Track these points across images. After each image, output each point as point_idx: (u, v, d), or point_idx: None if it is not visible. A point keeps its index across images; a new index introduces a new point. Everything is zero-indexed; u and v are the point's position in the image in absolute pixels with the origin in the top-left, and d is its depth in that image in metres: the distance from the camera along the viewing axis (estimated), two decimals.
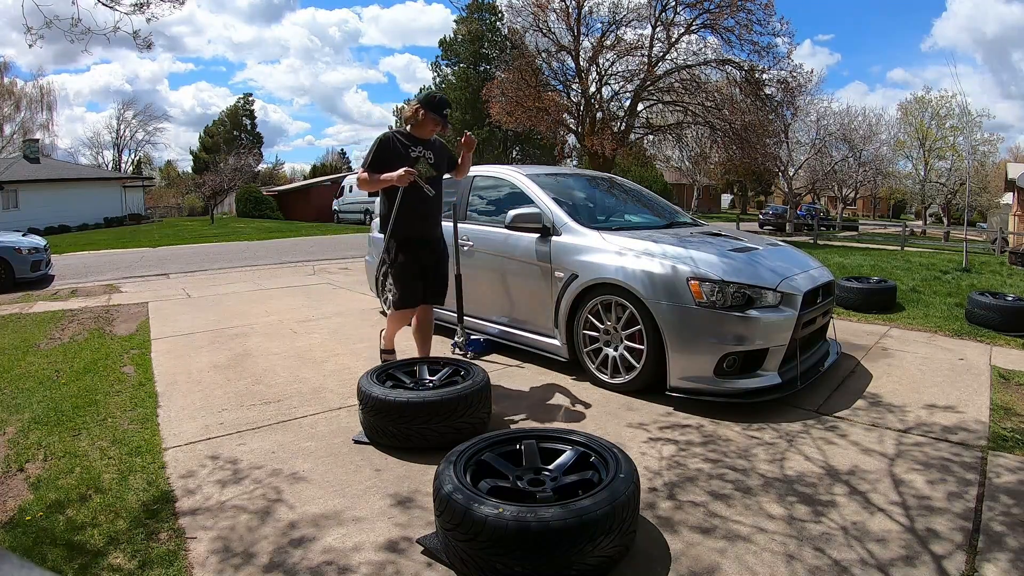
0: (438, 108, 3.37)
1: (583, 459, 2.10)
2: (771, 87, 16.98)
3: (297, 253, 12.36)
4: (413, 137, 3.40)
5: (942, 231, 26.82)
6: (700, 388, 3.15)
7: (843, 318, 5.37)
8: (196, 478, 2.46)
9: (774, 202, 43.40)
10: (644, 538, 2.00)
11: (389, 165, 3.25)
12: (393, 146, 3.33)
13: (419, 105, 3.40)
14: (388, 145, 3.33)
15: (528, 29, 17.94)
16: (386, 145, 3.33)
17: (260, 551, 1.96)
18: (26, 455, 2.66)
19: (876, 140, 29.95)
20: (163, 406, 3.28)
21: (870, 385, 3.57)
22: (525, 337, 4.06)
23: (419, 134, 3.41)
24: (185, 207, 40.14)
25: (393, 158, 3.28)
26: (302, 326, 5.23)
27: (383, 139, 3.36)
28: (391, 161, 3.27)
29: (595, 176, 5.24)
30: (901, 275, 7.92)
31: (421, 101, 3.43)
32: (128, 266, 10.53)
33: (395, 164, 3.24)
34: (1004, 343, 4.55)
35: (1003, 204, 27.30)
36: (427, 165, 3.41)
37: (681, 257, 3.29)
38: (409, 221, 3.30)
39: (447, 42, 37.94)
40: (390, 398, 2.63)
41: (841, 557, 1.91)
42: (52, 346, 4.64)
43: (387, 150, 3.32)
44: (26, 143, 29.11)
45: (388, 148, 3.32)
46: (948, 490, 2.32)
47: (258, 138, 51.15)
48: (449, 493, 1.80)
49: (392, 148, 3.32)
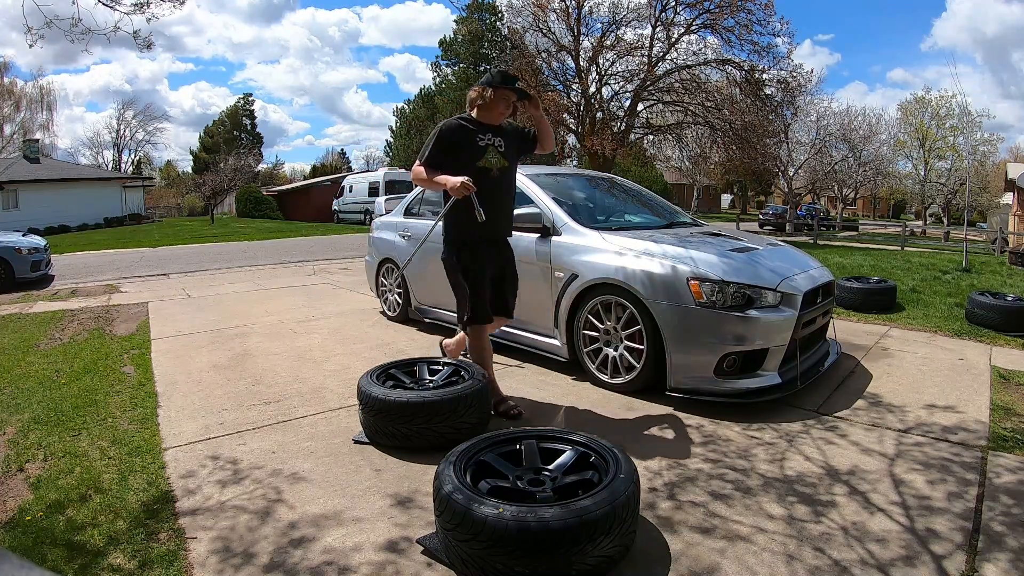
0: (508, 81, 2.93)
1: (583, 459, 2.09)
2: (771, 87, 16.99)
3: (297, 253, 12.36)
4: (480, 123, 2.96)
5: (942, 231, 26.82)
6: (700, 388, 3.15)
7: (843, 318, 5.37)
8: (196, 478, 2.46)
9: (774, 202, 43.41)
10: (644, 538, 2.00)
11: (452, 157, 2.84)
12: (457, 134, 2.89)
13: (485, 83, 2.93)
14: (451, 133, 2.88)
15: (528, 29, 17.95)
16: (448, 133, 2.88)
17: (260, 551, 1.96)
18: (26, 455, 2.66)
19: (876, 140, 29.97)
20: (163, 406, 3.28)
21: (870, 385, 3.57)
22: (525, 337, 4.06)
23: (487, 118, 2.96)
24: (185, 207, 40.15)
25: (457, 149, 2.86)
26: (302, 326, 5.23)
27: (445, 127, 2.92)
28: (454, 152, 2.85)
29: (595, 176, 5.24)
30: (901, 275, 7.92)
31: (486, 78, 2.98)
32: (128, 266, 10.53)
33: (460, 156, 2.85)
34: (1004, 343, 4.55)
35: (1003, 204, 27.30)
36: (498, 155, 2.97)
37: (681, 257, 3.29)
38: (472, 219, 2.80)
39: (447, 42, 37.96)
40: (390, 398, 2.63)
41: (841, 557, 1.91)
42: (52, 346, 4.64)
43: (449, 139, 2.87)
44: (26, 143, 29.13)
45: (451, 137, 2.87)
46: (948, 490, 2.32)
47: (258, 138, 51.19)
48: (449, 493, 1.80)
49: (456, 136, 2.88)
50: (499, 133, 2.99)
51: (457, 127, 2.92)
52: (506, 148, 3.01)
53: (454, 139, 2.88)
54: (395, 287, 5.36)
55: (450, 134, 2.89)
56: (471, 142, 2.90)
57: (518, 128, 3.16)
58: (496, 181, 2.94)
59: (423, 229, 5.01)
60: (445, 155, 2.87)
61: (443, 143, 2.88)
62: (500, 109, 2.94)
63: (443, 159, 2.86)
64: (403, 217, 5.36)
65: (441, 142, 2.87)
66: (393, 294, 5.40)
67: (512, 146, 3.06)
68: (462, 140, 2.89)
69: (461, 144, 2.88)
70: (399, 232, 5.26)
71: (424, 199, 5.28)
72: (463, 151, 2.87)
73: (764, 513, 2.17)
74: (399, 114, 42.31)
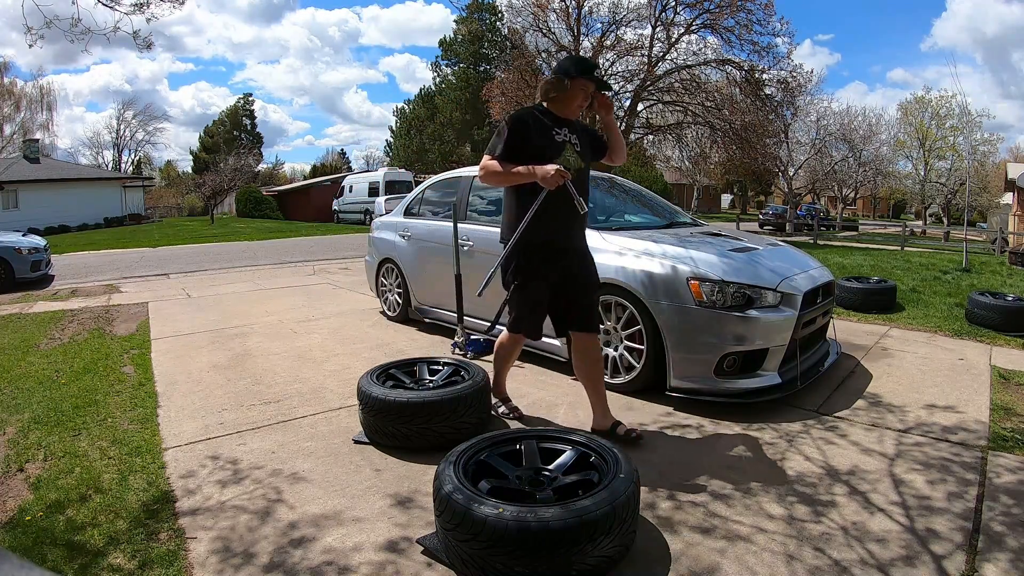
0: (588, 70, 2.61)
1: (583, 459, 2.09)
2: (771, 87, 17.00)
3: (297, 253, 12.36)
4: (554, 116, 2.65)
5: (942, 231, 26.82)
6: (700, 388, 3.15)
7: (843, 318, 5.37)
8: (196, 478, 2.46)
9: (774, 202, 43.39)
10: (644, 538, 2.00)
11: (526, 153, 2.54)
12: (532, 126, 2.58)
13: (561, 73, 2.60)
14: (525, 125, 2.57)
15: (528, 29, 17.96)
16: (522, 125, 2.57)
17: (260, 551, 1.96)
18: (26, 455, 2.66)
19: (876, 140, 29.99)
20: (163, 406, 3.28)
21: (870, 385, 3.57)
22: None
23: (562, 111, 2.64)
24: (185, 207, 40.15)
25: (531, 144, 2.56)
26: (302, 326, 5.23)
27: (519, 118, 2.60)
28: (528, 147, 2.55)
29: (595, 176, 5.24)
30: (901, 275, 7.91)
31: (562, 66, 2.66)
32: (128, 266, 10.53)
33: (534, 151, 2.54)
34: (1004, 343, 4.55)
35: (1003, 204, 27.30)
36: (575, 154, 2.64)
37: (681, 257, 3.29)
38: (547, 223, 2.53)
39: (447, 42, 37.96)
40: (390, 398, 2.63)
41: (841, 557, 1.91)
42: (52, 346, 4.64)
43: (524, 132, 2.56)
44: (26, 143, 29.12)
45: (525, 129, 2.56)
46: (948, 490, 2.32)
47: (258, 138, 51.17)
48: (449, 493, 1.80)
49: (530, 129, 2.57)
50: (575, 130, 2.69)
51: (532, 118, 2.60)
52: (582, 148, 2.70)
53: (529, 131, 2.56)
54: (395, 287, 5.36)
55: (525, 125, 2.57)
56: (547, 136, 2.59)
57: (590, 129, 2.87)
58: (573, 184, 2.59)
59: (423, 229, 5.02)
60: (520, 148, 2.54)
61: (517, 135, 2.55)
62: (578, 102, 2.61)
63: (516, 154, 2.54)
64: (403, 217, 5.36)
65: (515, 134, 2.55)
66: (393, 294, 5.40)
67: (587, 147, 2.74)
68: (537, 133, 2.57)
69: (536, 138, 2.56)
70: (399, 232, 5.26)
71: (424, 199, 5.28)
72: (538, 146, 2.55)
73: (764, 513, 2.17)
74: (399, 114, 42.33)
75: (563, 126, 2.65)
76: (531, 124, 2.59)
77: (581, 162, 2.66)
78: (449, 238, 4.35)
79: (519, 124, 2.57)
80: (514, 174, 2.52)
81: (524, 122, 2.58)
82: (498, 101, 18.08)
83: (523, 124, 2.57)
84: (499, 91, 18.14)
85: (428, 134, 37.46)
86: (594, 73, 2.62)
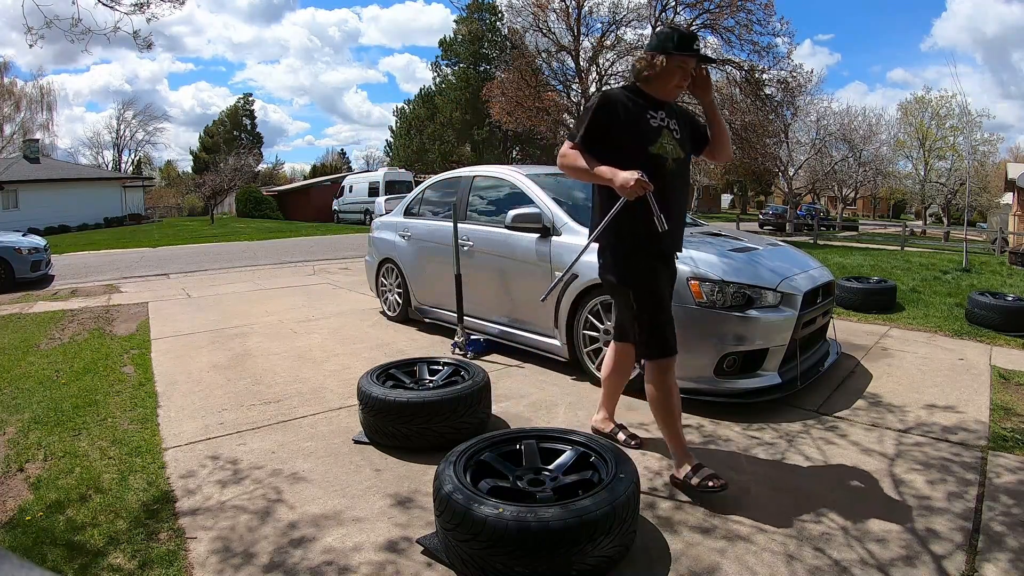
0: (687, 44, 2.24)
1: (583, 459, 2.09)
2: (771, 87, 16.99)
3: (297, 253, 12.36)
4: (649, 97, 2.31)
5: (942, 231, 26.82)
6: (700, 388, 3.15)
7: (843, 318, 5.37)
8: (196, 478, 2.46)
9: (774, 202, 43.39)
10: (644, 538, 2.00)
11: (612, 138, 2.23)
12: (621, 110, 2.24)
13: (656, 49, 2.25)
14: (612, 106, 2.24)
15: (528, 29, 17.97)
16: (610, 107, 2.24)
17: (260, 551, 1.96)
18: (26, 455, 2.66)
19: (876, 140, 29.99)
20: (163, 406, 3.28)
21: (870, 385, 3.57)
22: (525, 337, 4.06)
23: (658, 92, 2.30)
24: (185, 207, 40.15)
25: (620, 129, 2.23)
26: (302, 326, 5.23)
27: (606, 99, 2.26)
28: (617, 133, 2.23)
29: None
30: (901, 275, 7.91)
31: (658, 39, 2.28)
32: (128, 266, 10.53)
33: (622, 137, 2.22)
34: (1004, 343, 4.55)
35: (1003, 204, 27.30)
36: (673, 141, 2.29)
37: (681, 257, 3.28)
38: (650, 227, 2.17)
39: (447, 42, 37.92)
40: (390, 398, 2.63)
41: (841, 557, 1.91)
42: (52, 346, 4.64)
43: (610, 114, 2.23)
44: (26, 143, 29.11)
45: (612, 111, 2.24)
46: (948, 490, 2.32)
47: (258, 138, 51.13)
48: (449, 493, 1.80)
49: (621, 110, 2.24)
50: (673, 114, 2.35)
51: (624, 98, 2.27)
52: (681, 135, 2.35)
53: (619, 114, 2.23)
54: (395, 287, 5.36)
55: (612, 106, 2.24)
56: (641, 120, 2.25)
57: (692, 116, 2.49)
58: (671, 176, 2.28)
59: (423, 229, 5.02)
60: (605, 133, 2.23)
61: (603, 118, 2.23)
62: (676, 81, 2.27)
63: (603, 140, 2.23)
64: (403, 217, 5.36)
65: (600, 117, 2.22)
66: (393, 294, 5.40)
67: (687, 136, 2.39)
68: (629, 116, 2.24)
69: (628, 121, 2.23)
70: (399, 232, 5.27)
71: (424, 199, 5.28)
72: (631, 131, 2.23)
73: (764, 513, 2.17)
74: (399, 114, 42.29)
75: (659, 109, 2.30)
76: (620, 105, 2.25)
77: (680, 152, 2.31)
78: (449, 238, 4.35)
79: (607, 105, 2.23)
80: (593, 174, 2.22)
81: (612, 102, 2.24)
82: (498, 101, 18.09)
83: (610, 105, 2.23)
84: (499, 91, 18.16)
85: (428, 134, 37.44)
86: (694, 46, 2.25)
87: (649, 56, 2.26)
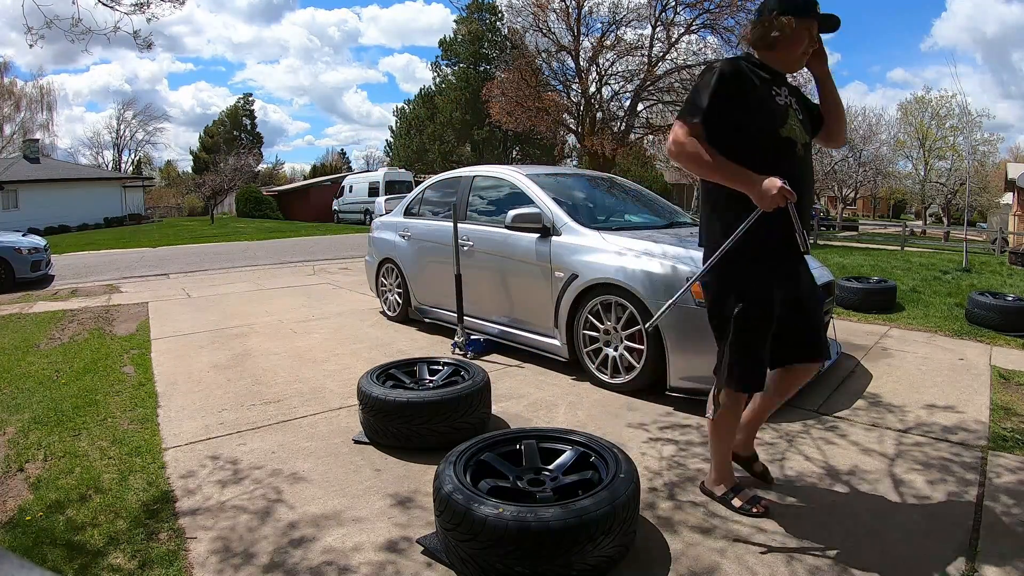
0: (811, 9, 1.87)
1: (583, 459, 2.09)
2: None
3: (297, 253, 12.36)
4: (771, 70, 1.95)
5: (942, 231, 26.82)
6: (700, 388, 3.15)
7: (843, 318, 5.37)
8: (196, 478, 2.46)
9: None
10: (644, 538, 2.00)
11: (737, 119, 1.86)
12: (747, 81, 1.88)
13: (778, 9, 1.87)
14: (737, 80, 1.86)
15: (528, 29, 17.98)
16: (733, 80, 1.85)
17: (260, 551, 1.96)
18: (26, 455, 2.66)
19: (876, 140, 29.94)
20: (163, 406, 3.28)
21: (870, 385, 3.57)
22: (525, 337, 4.06)
23: (782, 63, 1.95)
24: (185, 207, 40.13)
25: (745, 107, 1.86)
26: (302, 326, 5.23)
27: (728, 70, 1.86)
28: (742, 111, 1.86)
29: (595, 176, 5.25)
30: (901, 275, 7.92)
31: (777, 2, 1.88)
32: (128, 266, 10.53)
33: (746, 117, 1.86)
34: (1004, 343, 4.55)
35: (1003, 204, 27.31)
36: (799, 124, 1.95)
37: (681, 257, 3.29)
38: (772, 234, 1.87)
39: (447, 42, 37.91)
40: (390, 398, 2.63)
41: (841, 557, 1.91)
42: (52, 346, 4.64)
43: (738, 88, 1.86)
44: (26, 143, 29.13)
45: (740, 84, 1.86)
46: (948, 490, 2.32)
47: (258, 138, 51.13)
48: (449, 493, 1.80)
49: (743, 87, 1.87)
50: (792, 92, 2.00)
51: (746, 71, 1.89)
52: (802, 115, 2.01)
53: (746, 89, 1.86)
54: (395, 287, 5.36)
55: (740, 79, 1.86)
56: (767, 97, 1.90)
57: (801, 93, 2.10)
58: (800, 163, 1.94)
59: (423, 229, 5.02)
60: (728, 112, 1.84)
61: (727, 92, 1.83)
62: (804, 48, 1.90)
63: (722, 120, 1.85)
64: (403, 217, 5.36)
65: (724, 91, 1.83)
66: (393, 294, 5.40)
67: (806, 115, 2.04)
68: (754, 91, 1.87)
69: (752, 98, 1.87)
70: (399, 232, 5.27)
71: (424, 199, 5.28)
72: (756, 109, 1.87)
73: (764, 513, 2.17)
74: (399, 114, 42.29)
75: (782, 85, 1.96)
76: (746, 77, 1.88)
77: (806, 136, 1.98)
78: (449, 238, 4.35)
79: (729, 76, 1.84)
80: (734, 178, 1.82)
81: (738, 73, 1.86)
82: (498, 101, 18.10)
83: (734, 77, 1.85)
84: (499, 91, 18.16)
85: (428, 134, 37.44)
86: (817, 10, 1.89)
87: (770, 18, 1.88)
